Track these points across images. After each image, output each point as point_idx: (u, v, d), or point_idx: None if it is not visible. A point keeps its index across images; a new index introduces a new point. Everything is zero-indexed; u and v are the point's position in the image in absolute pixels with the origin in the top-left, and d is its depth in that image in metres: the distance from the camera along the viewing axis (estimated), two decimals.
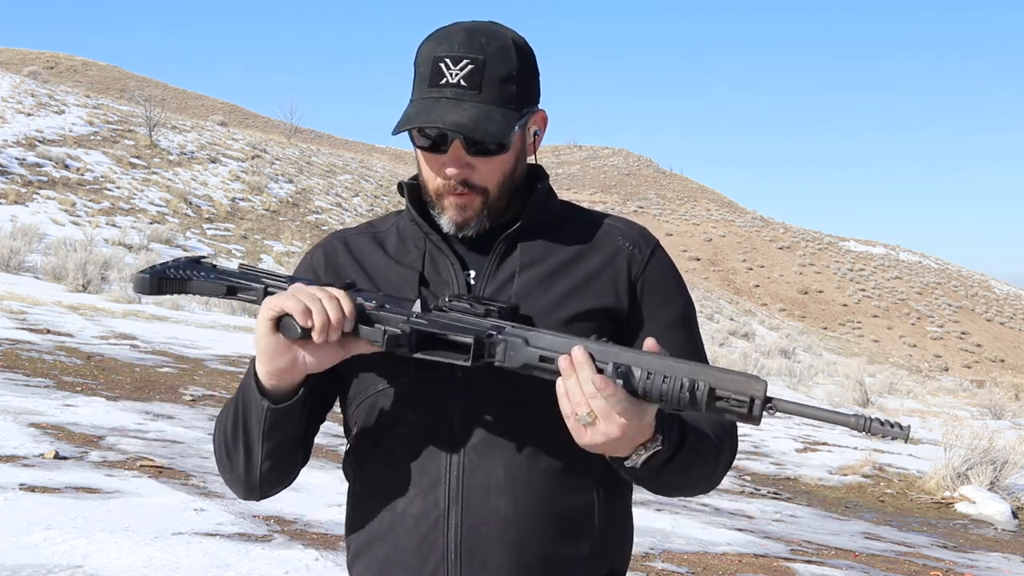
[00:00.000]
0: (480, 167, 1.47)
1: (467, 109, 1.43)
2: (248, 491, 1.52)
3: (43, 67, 67.19)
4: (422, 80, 1.47)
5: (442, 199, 1.49)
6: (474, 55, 1.45)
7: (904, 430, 1.21)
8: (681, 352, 1.46)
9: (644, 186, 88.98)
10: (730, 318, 42.62)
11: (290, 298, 1.34)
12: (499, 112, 1.45)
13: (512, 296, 1.48)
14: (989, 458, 9.20)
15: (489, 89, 1.45)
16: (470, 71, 1.44)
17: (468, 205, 1.48)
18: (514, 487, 1.45)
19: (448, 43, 1.46)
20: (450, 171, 1.46)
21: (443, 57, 1.45)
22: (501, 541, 1.44)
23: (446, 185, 1.47)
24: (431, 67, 1.46)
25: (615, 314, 1.51)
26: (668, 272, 1.58)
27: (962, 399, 24.57)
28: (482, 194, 1.48)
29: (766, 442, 11.21)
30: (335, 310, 1.33)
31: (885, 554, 6.56)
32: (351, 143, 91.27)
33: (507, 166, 1.50)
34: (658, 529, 6.27)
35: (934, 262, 79.59)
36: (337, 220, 34.80)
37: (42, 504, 4.94)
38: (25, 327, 11.38)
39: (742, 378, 1.25)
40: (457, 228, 1.49)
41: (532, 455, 1.46)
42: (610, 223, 1.59)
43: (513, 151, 1.50)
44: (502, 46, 1.47)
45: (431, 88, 1.45)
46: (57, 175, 27.88)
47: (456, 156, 1.45)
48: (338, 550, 4.78)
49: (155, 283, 1.45)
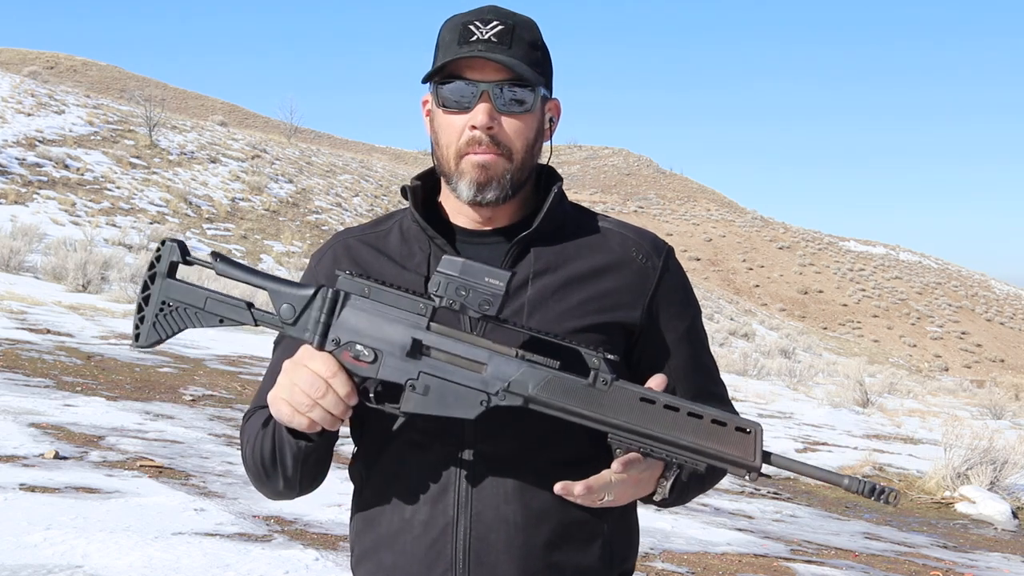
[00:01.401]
0: (506, 125, 1.46)
1: (501, 55, 1.44)
2: (284, 499, 1.56)
3: (43, 67, 67.19)
4: (448, 44, 1.47)
5: (462, 160, 1.47)
6: (503, 19, 1.47)
7: (896, 496, 1.28)
8: (692, 365, 1.56)
9: (644, 186, 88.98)
10: (730, 318, 42.62)
11: (286, 407, 1.37)
12: (528, 69, 1.46)
13: (526, 302, 1.48)
14: (989, 458, 9.20)
15: (518, 47, 1.46)
16: (500, 30, 1.46)
17: (491, 164, 1.46)
18: (523, 495, 1.45)
19: (475, 12, 1.48)
20: (480, 119, 1.44)
21: (471, 20, 1.46)
22: (510, 548, 1.44)
23: (471, 139, 1.45)
24: (459, 30, 1.46)
25: (628, 328, 1.51)
26: (680, 284, 1.58)
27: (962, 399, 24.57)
28: (506, 156, 1.47)
29: (766, 442, 11.20)
30: (335, 405, 1.36)
31: (885, 554, 6.56)
32: (351, 143, 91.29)
33: (530, 132, 1.49)
34: (658, 529, 6.27)
35: (934, 262, 79.59)
36: (337, 220, 34.80)
37: (42, 504, 4.94)
38: (25, 327, 11.38)
39: (739, 449, 1.31)
40: (478, 189, 1.47)
41: (541, 462, 1.45)
42: (623, 233, 1.57)
43: (535, 121, 1.50)
44: (528, 21, 1.50)
45: (460, 47, 1.45)
46: (57, 175, 27.88)
47: (485, 110, 1.45)
48: (338, 550, 4.78)
49: (154, 340, 1.46)
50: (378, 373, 1.37)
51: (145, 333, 1.45)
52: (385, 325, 1.37)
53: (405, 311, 1.38)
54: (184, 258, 1.44)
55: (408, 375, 1.36)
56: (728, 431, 1.30)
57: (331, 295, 1.38)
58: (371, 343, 1.37)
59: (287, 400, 1.36)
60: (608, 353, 1.32)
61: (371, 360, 1.36)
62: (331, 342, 1.38)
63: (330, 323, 1.38)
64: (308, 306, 1.39)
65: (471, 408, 1.34)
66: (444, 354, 1.36)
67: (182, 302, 1.43)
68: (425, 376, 1.36)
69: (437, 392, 1.35)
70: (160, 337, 1.45)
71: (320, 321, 1.38)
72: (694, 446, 1.30)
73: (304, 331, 1.39)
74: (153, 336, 1.45)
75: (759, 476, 1.30)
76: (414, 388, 1.35)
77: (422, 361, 1.36)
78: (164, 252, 1.44)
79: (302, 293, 1.40)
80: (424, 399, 1.35)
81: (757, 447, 1.29)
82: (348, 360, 1.37)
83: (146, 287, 1.45)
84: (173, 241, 1.45)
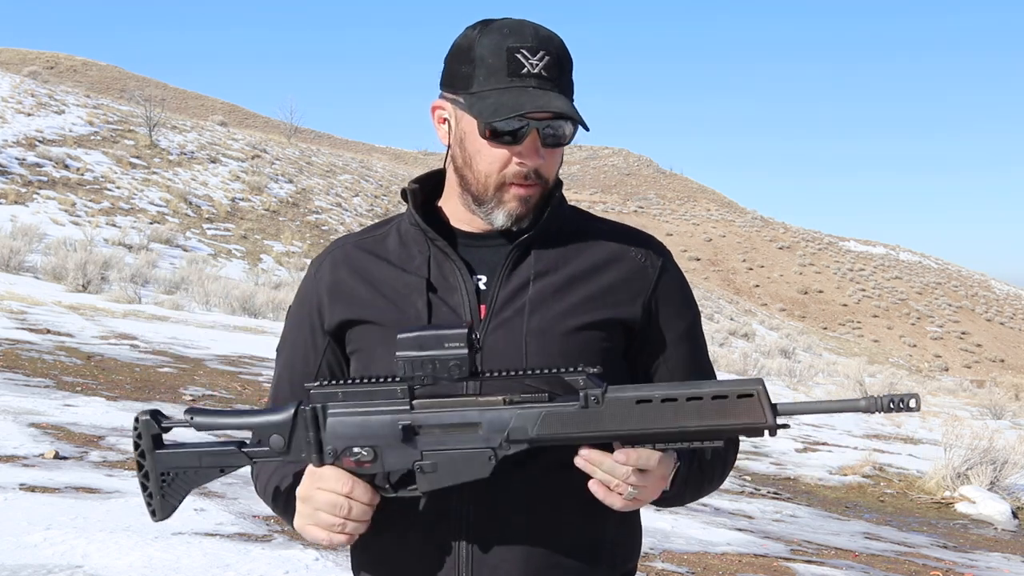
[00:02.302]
0: (547, 159, 1.48)
1: (557, 98, 1.45)
2: None
3: (43, 67, 67.18)
4: (495, 70, 1.45)
5: (504, 191, 1.47)
6: (547, 48, 1.46)
7: (917, 401, 1.25)
8: (690, 365, 1.55)
9: (644, 186, 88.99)
10: (730, 318, 42.62)
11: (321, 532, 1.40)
12: (576, 111, 1.47)
13: (527, 303, 1.48)
14: (989, 458, 9.20)
15: (563, 80, 1.47)
16: (548, 62, 1.46)
17: (531, 197, 1.48)
18: (527, 498, 1.45)
19: (519, 35, 1.46)
20: (531, 161, 1.45)
21: (519, 47, 1.45)
22: (513, 551, 1.44)
23: (516, 175, 1.46)
24: (506, 57, 1.45)
25: (628, 325, 1.52)
26: (679, 284, 1.59)
27: (962, 399, 24.56)
28: (544, 186, 1.49)
29: (766, 442, 11.21)
30: (363, 515, 1.39)
31: (885, 554, 6.56)
32: (351, 143, 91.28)
33: (560, 160, 1.52)
34: (658, 529, 6.27)
35: (934, 262, 79.58)
36: (337, 220, 34.81)
37: (42, 504, 4.94)
38: (25, 327, 11.38)
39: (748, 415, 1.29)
40: (516, 221, 1.49)
41: (546, 468, 1.45)
42: (622, 234, 1.59)
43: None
44: (562, 45, 1.50)
45: (511, 77, 1.44)
46: (57, 175, 27.89)
47: (534, 146, 1.45)
48: (338, 550, 4.78)
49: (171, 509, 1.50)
50: (384, 467, 1.39)
51: (159, 507, 1.48)
52: (371, 421, 1.39)
53: (384, 401, 1.39)
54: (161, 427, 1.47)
55: (412, 459, 1.38)
56: (732, 402, 1.30)
57: (310, 412, 1.40)
58: (365, 443, 1.38)
59: (317, 526, 1.39)
60: (590, 367, 1.33)
61: (372, 459, 1.38)
62: (328, 455, 1.39)
63: (321, 438, 1.40)
64: (293, 430, 1.41)
65: (483, 468, 1.36)
66: (437, 428, 1.37)
67: (179, 467, 1.47)
68: (428, 454, 1.37)
69: (445, 465, 1.37)
70: (175, 504, 1.49)
71: (311, 440, 1.40)
72: (704, 428, 1.30)
73: (300, 455, 1.41)
74: (168, 507, 1.49)
75: (779, 428, 1.29)
76: (423, 470, 1.37)
77: (419, 441, 1.38)
78: (142, 429, 1.46)
79: (282, 418, 1.42)
80: (436, 475, 1.37)
81: (765, 407, 1.29)
82: (351, 466, 1.39)
83: (141, 466, 1.48)
84: (145, 415, 1.47)
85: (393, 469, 1.38)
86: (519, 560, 1.45)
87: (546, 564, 1.46)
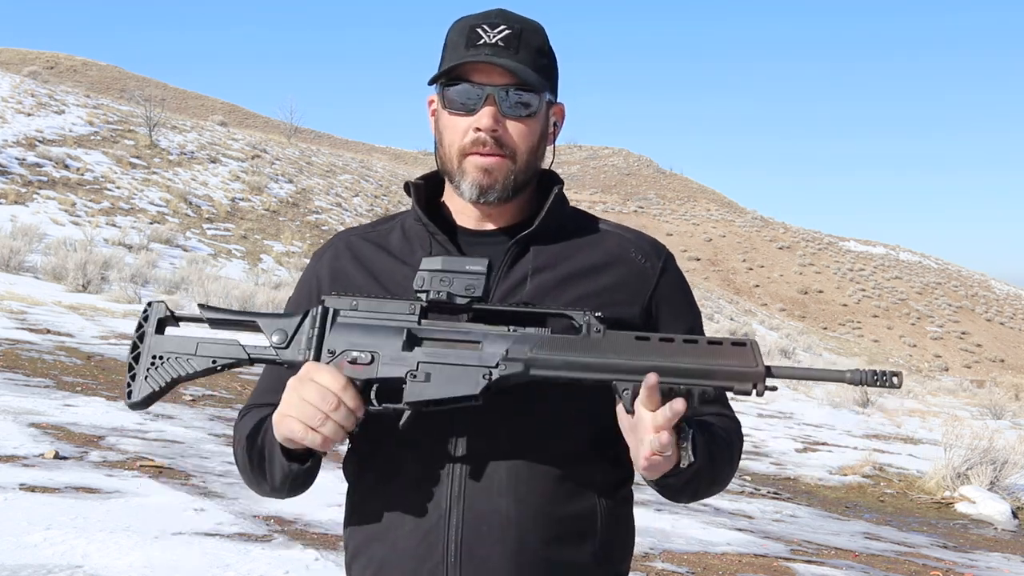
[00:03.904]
0: (511, 128, 1.48)
1: (508, 60, 1.46)
2: (273, 498, 1.59)
3: (43, 67, 67.19)
4: (455, 46, 1.49)
5: (465, 160, 1.49)
6: (511, 24, 1.48)
7: (899, 378, 1.27)
8: None
9: (644, 186, 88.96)
10: (730, 318, 42.61)
11: (297, 424, 1.35)
12: (534, 75, 1.47)
13: (524, 298, 1.49)
14: (989, 458, 9.20)
15: (525, 53, 1.48)
16: (507, 35, 1.47)
17: (494, 168, 1.48)
18: (516, 488, 1.45)
19: (483, 15, 1.50)
20: (484, 122, 1.46)
21: (479, 23, 1.48)
22: (503, 541, 1.44)
23: (475, 140, 1.47)
24: (466, 33, 1.48)
25: (627, 325, 1.51)
26: (679, 286, 1.60)
27: (962, 399, 24.56)
28: (510, 157, 1.49)
29: (766, 442, 11.22)
30: (346, 418, 1.35)
31: (885, 554, 6.56)
32: (351, 143, 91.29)
33: (534, 135, 1.51)
34: (658, 529, 6.27)
35: (934, 262, 79.58)
36: (337, 220, 34.81)
37: (42, 504, 4.94)
38: (25, 327, 11.38)
39: (740, 360, 1.30)
40: (480, 192, 1.49)
41: (535, 457, 1.45)
42: (623, 235, 1.59)
43: (539, 125, 1.51)
44: (535, 26, 1.52)
45: (467, 49, 1.47)
46: (57, 175, 27.88)
47: (490, 113, 1.46)
48: (338, 550, 4.78)
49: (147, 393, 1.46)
50: (377, 372, 1.38)
51: (137, 388, 1.45)
52: (377, 329, 1.40)
53: (394, 313, 1.41)
54: (172, 316, 1.46)
55: (407, 367, 1.37)
56: (726, 348, 1.32)
57: (320, 312, 1.41)
58: (365, 347, 1.39)
59: (297, 417, 1.35)
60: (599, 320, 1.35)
61: (368, 362, 1.38)
62: (326, 354, 1.40)
63: (322, 337, 1.40)
64: (299, 328, 1.42)
65: (474, 384, 1.35)
66: (439, 340, 1.38)
67: (173, 352, 1.45)
68: (424, 364, 1.37)
69: (438, 377, 1.37)
70: (153, 389, 1.46)
71: (312, 337, 1.40)
72: (698, 366, 1.31)
73: (297, 352, 1.41)
74: (146, 389, 1.45)
75: (766, 388, 1.29)
76: (415, 377, 1.37)
77: (418, 352, 1.38)
78: (152, 312, 1.47)
79: (292, 319, 1.43)
80: (426, 385, 1.36)
81: (757, 355, 1.31)
82: (346, 366, 1.38)
83: (135, 347, 1.46)
84: (160, 302, 1.48)
85: (386, 376, 1.38)
86: (509, 552, 1.44)
87: (536, 555, 1.45)
